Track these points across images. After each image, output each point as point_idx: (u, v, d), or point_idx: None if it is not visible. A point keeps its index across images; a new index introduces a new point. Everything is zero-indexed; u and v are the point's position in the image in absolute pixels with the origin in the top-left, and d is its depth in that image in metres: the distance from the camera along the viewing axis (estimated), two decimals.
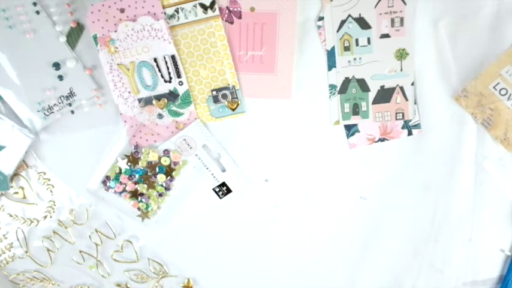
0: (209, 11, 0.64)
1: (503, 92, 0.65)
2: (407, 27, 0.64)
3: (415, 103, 0.66)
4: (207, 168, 0.69)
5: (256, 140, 0.69)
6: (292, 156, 0.69)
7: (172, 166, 0.68)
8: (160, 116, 0.67)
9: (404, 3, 0.63)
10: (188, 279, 0.75)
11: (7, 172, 0.68)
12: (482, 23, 0.64)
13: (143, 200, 0.69)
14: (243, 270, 0.75)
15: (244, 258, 0.74)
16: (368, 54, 0.65)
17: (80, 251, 0.73)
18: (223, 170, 0.69)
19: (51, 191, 0.71)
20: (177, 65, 0.65)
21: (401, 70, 0.65)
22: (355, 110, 0.67)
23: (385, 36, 0.64)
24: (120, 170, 0.68)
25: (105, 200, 0.70)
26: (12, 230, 0.73)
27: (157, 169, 0.68)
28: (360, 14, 0.64)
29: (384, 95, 0.66)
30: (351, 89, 0.66)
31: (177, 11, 0.63)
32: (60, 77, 0.65)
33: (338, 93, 0.67)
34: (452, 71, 0.65)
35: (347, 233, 0.72)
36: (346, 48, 0.65)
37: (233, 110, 0.67)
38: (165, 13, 0.63)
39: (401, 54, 0.65)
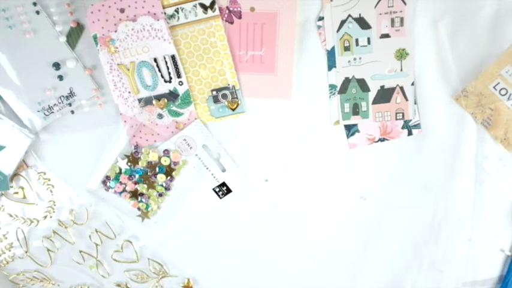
0: (209, 11, 0.64)
1: (503, 92, 0.65)
2: (407, 27, 0.64)
3: (415, 103, 0.66)
4: (207, 168, 0.69)
5: (256, 140, 0.69)
6: (292, 156, 0.69)
7: (172, 166, 0.68)
8: (160, 116, 0.67)
9: (404, 3, 0.63)
10: (188, 279, 0.75)
11: (7, 172, 0.68)
12: (482, 23, 0.64)
13: (143, 200, 0.69)
14: (243, 270, 0.75)
15: (244, 258, 0.74)
16: (368, 54, 0.65)
17: (80, 251, 0.73)
18: (223, 170, 0.69)
19: (51, 191, 0.71)
20: (177, 65, 0.65)
21: (401, 70, 0.65)
22: (355, 110, 0.67)
23: (385, 36, 0.64)
24: (120, 170, 0.68)
25: (105, 200, 0.70)
26: (12, 230, 0.73)
27: (157, 169, 0.68)
28: (360, 14, 0.64)
29: (384, 95, 0.66)
30: (351, 89, 0.66)
31: (177, 11, 0.63)
32: (60, 77, 0.65)
33: (338, 93, 0.67)
34: (452, 71, 0.65)
35: (347, 233, 0.72)
36: (346, 48, 0.65)
37: (233, 110, 0.67)
38: (165, 13, 0.63)
39: (401, 54, 0.65)
